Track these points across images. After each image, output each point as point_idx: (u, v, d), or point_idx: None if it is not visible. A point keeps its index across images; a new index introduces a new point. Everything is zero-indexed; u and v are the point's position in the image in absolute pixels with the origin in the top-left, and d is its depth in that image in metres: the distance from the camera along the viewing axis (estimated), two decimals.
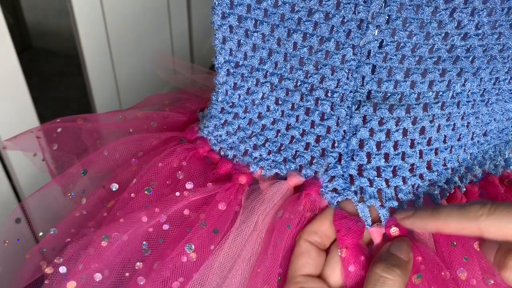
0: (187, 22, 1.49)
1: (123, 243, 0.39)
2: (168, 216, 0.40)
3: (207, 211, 0.41)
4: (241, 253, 0.39)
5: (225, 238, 0.39)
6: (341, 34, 0.39)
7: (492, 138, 0.44)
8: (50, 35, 1.87)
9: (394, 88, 0.39)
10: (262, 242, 0.39)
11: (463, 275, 0.36)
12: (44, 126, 0.54)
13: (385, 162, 0.40)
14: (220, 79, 0.44)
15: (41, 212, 0.51)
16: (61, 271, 0.37)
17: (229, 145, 0.46)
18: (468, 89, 0.40)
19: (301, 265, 0.38)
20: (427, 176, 0.41)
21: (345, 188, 0.41)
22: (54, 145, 0.52)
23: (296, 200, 0.41)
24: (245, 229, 0.39)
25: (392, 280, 0.34)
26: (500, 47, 0.38)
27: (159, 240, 0.40)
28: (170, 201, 0.41)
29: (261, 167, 0.44)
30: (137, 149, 0.47)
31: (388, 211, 0.40)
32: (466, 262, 0.36)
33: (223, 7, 0.42)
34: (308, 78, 0.41)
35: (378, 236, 0.40)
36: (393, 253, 0.36)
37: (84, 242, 0.39)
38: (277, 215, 0.40)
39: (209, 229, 0.39)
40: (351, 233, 0.38)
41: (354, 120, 0.40)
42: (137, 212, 0.40)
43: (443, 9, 0.36)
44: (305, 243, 0.38)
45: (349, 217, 0.39)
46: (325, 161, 0.42)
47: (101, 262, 0.38)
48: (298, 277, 0.37)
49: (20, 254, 0.46)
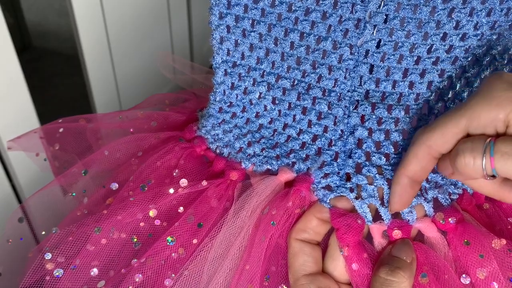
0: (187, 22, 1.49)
1: (118, 240, 0.40)
2: (162, 213, 0.41)
3: (195, 206, 0.41)
4: (230, 250, 0.39)
5: (214, 234, 0.40)
6: (338, 33, 0.38)
7: None
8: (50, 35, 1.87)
9: (392, 88, 0.39)
10: (248, 238, 0.39)
11: (481, 274, 0.35)
12: (46, 126, 0.55)
13: (386, 161, 0.40)
14: (218, 79, 0.45)
15: (42, 212, 0.51)
16: (46, 257, 0.39)
17: (224, 143, 0.46)
18: (469, 90, 0.39)
19: (299, 265, 0.38)
20: (432, 178, 0.40)
21: (340, 185, 0.40)
22: (56, 145, 0.53)
23: (285, 196, 0.40)
24: (234, 226, 0.39)
25: (397, 282, 0.34)
26: (500, 48, 0.38)
27: (148, 235, 0.40)
28: (163, 196, 0.41)
29: (253, 163, 0.44)
30: (137, 149, 0.48)
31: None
32: (482, 260, 0.36)
33: (220, 7, 0.42)
34: (305, 78, 0.41)
35: (378, 233, 0.39)
36: (395, 255, 0.36)
37: (66, 234, 0.40)
38: (263, 212, 0.40)
39: (195, 223, 0.40)
40: (352, 230, 0.38)
41: (352, 120, 0.40)
42: (133, 208, 0.40)
43: (441, 9, 0.36)
44: (296, 242, 0.38)
45: (347, 214, 0.39)
46: (320, 158, 0.41)
47: (95, 257, 0.39)
48: (301, 278, 0.37)
49: (21, 253, 0.47)
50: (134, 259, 0.40)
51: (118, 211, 0.41)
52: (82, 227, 0.41)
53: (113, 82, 1.39)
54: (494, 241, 0.36)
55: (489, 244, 0.36)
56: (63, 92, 1.69)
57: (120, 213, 0.41)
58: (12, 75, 1.05)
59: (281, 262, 0.40)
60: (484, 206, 0.41)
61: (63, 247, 0.40)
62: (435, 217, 0.38)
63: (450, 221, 0.38)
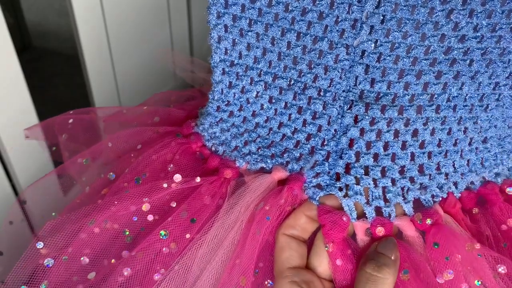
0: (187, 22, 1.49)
1: (111, 230, 0.40)
2: (155, 208, 0.41)
3: (188, 202, 0.42)
4: (223, 244, 0.39)
5: (206, 229, 0.40)
6: (335, 33, 0.38)
7: (493, 145, 0.43)
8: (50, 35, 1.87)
9: (387, 88, 0.39)
10: (241, 233, 0.40)
11: (447, 276, 0.37)
12: (58, 117, 0.57)
13: (374, 161, 0.40)
14: (216, 78, 0.45)
15: (40, 201, 0.52)
16: (38, 246, 0.39)
17: (220, 142, 0.46)
18: (466, 93, 0.39)
19: (285, 258, 0.38)
20: (418, 179, 0.40)
21: (330, 184, 0.41)
22: (64, 135, 0.55)
23: (278, 193, 0.41)
24: (227, 221, 0.40)
25: (382, 279, 0.36)
26: (500, 51, 0.38)
27: (140, 229, 0.41)
28: (156, 190, 0.42)
29: (247, 162, 0.44)
30: (136, 142, 0.49)
31: (374, 209, 0.40)
32: (447, 262, 0.37)
33: (218, 7, 0.42)
34: (301, 77, 0.41)
35: (361, 230, 0.40)
36: (381, 252, 0.37)
37: (61, 222, 0.40)
38: (257, 207, 0.40)
39: (187, 218, 0.40)
40: (337, 227, 0.39)
41: (345, 120, 0.40)
42: (126, 201, 0.41)
43: (439, 10, 0.36)
44: (283, 237, 0.39)
45: (333, 211, 0.40)
46: (313, 158, 0.42)
47: (87, 247, 0.40)
48: (286, 270, 0.38)
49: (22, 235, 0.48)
50: (125, 251, 0.40)
51: (112, 203, 0.42)
52: (77, 217, 0.41)
53: (113, 82, 1.39)
54: (467, 244, 0.37)
55: (463, 247, 0.37)
56: (63, 92, 1.69)
57: (114, 205, 0.41)
58: (12, 75, 1.05)
59: (269, 258, 0.41)
60: (473, 211, 0.42)
61: (57, 236, 0.40)
62: (414, 217, 0.40)
63: (427, 222, 0.39)
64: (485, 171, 0.43)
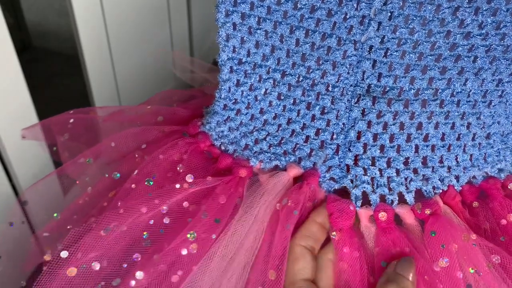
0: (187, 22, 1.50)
1: (121, 234, 0.40)
2: (168, 209, 0.41)
3: (208, 203, 0.41)
4: (243, 244, 0.39)
5: (225, 230, 0.40)
6: (343, 30, 0.39)
7: (496, 141, 0.43)
8: (50, 35, 1.87)
9: (393, 82, 0.40)
10: (264, 232, 0.40)
11: (442, 263, 0.38)
12: (57, 117, 0.56)
13: (380, 152, 0.41)
14: (224, 76, 0.45)
15: (42, 201, 0.52)
16: (62, 255, 0.37)
17: (230, 140, 0.46)
18: (469, 88, 0.40)
19: (298, 269, 0.39)
20: (421, 171, 0.42)
21: (342, 177, 0.42)
22: (65, 135, 0.54)
23: (299, 189, 0.42)
24: (247, 221, 0.40)
25: None
26: (504, 48, 0.38)
27: (160, 231, 0.41)
28: (170, 192, 0.41)
29: (260, 160, 0.45)
30: (141, 141, 0.49)
31: (378, 197, 0.41)
32: (443, 250, 0.38)
33: (226, 5, 0.42)
34: (309, 74, 0.42)
35: (365, 217, 0.41)
36: (400, 273, 0.37)
37: (84, 230, 0.39)
38: (281, 203, 0.41)
39: (210, 219, 0.40)
40: (344, 215, 0.40)
41: (353, 113, 0.41)
42: (137, 202, 0.41)
43: (446, 7, 0.37)
44: (299, 247, 0.39)
45: (341, 199, 0.41)
46: (324, 152, 0.43)
47: (100, 252, 0.39)
48: (299, 281, 0.38)
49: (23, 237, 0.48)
50: (136, 254, 0.40)
51: (122, 206, 0.41)
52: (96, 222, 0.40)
53: (113, 82, 1.39)
54: (464, 235, 0.39)
55: (459, 237, 0.38)
56: (63, 92, 1.68)
57: (125, 208, 0.40)
58: (12, 75, 1.05)
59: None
60: (473, 204, 0.43)
61: (78, 244, 0.39)
62: (414, 206, 0.41)
63: (426, 211, 0.40)
64: (488, 167, 0.44)
